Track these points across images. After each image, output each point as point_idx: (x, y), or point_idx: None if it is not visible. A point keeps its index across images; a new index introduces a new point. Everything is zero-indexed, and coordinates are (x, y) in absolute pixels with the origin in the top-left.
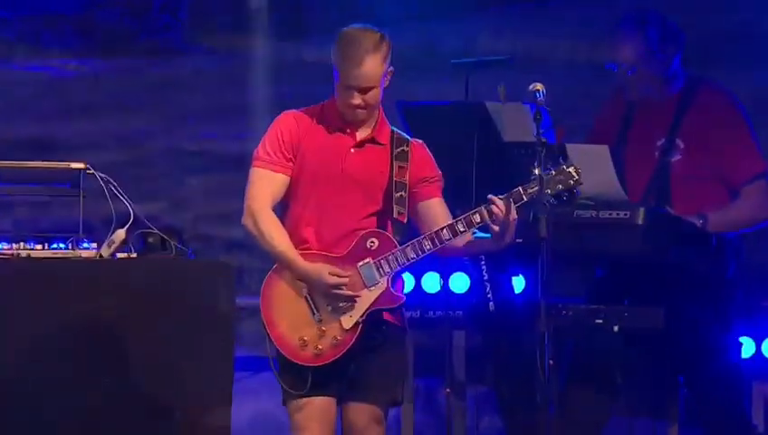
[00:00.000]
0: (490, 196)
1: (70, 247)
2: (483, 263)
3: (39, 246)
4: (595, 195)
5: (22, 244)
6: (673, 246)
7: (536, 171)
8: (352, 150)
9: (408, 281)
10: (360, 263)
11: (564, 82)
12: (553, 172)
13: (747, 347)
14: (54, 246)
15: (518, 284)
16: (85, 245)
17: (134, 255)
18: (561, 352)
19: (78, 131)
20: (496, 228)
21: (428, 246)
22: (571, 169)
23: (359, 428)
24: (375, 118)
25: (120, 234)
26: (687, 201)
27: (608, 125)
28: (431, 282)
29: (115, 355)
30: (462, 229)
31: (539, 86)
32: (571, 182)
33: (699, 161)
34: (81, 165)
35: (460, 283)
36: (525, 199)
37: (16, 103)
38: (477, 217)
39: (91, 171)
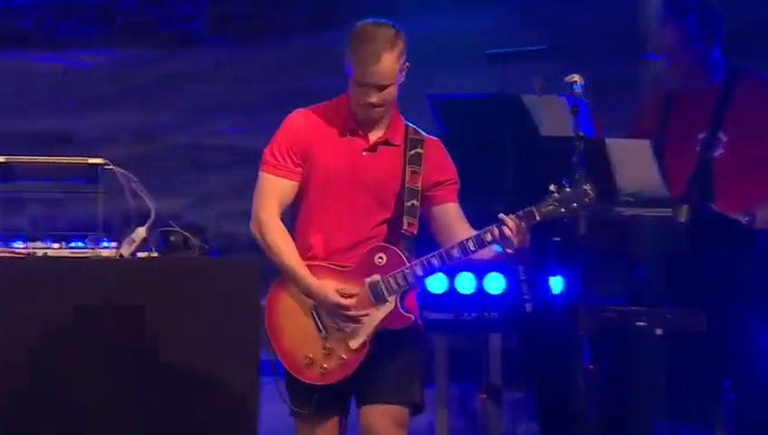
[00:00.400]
0: (501, 215)
1: (88, 246)
2: None
3: (56, 245)
4: (636, 191)
5: (38, 242)
6: (718, 245)
7: (551, 187)
8: (364, 154)
9: (442, 282)
10: (368, 279)
11: (603, 72)
12: (568, 189)
13: None
14: (72, 244)
15: (556, 284)
16: (105, 244)
17: (155, 254)
18: (602, 355)
19: (95, 125)
20: (510, 251)
21: (437, 264)
22: (587, 187)
23: (378, 431)
24: (389, 117)
25: (141, 232)
26: (732, 197)
27: (646, 118)
28: (465, 282)
29: (135, 358)
30: (473, 249)
31: (576, 77)
32: (587, 200)
33: (744, 155)
34: (99, 160)
35: (496, 283)
36: (539, 219)
37: (31, 96)
38: (489, 237)
39: (110, 167)
